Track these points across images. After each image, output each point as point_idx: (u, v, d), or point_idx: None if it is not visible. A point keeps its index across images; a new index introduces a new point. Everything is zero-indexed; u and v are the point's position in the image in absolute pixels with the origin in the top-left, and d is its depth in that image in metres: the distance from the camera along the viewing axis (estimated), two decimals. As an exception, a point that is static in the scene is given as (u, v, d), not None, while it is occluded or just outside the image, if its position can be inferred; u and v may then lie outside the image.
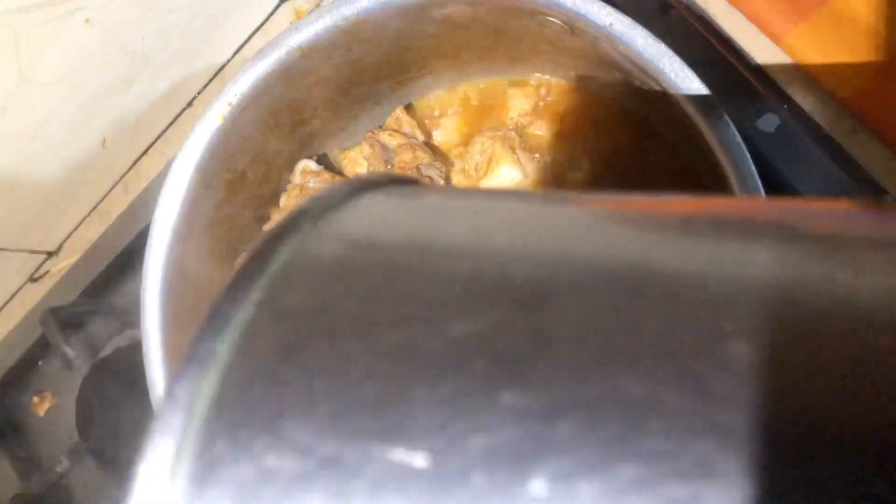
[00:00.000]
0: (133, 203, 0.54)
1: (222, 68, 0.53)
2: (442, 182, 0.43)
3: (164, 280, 0.39)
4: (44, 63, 0.41)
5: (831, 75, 0.35)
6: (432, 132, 0.47)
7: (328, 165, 0.47)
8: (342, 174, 0.46)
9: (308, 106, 0.43)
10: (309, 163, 0.46)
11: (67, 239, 0.57)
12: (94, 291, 0.55)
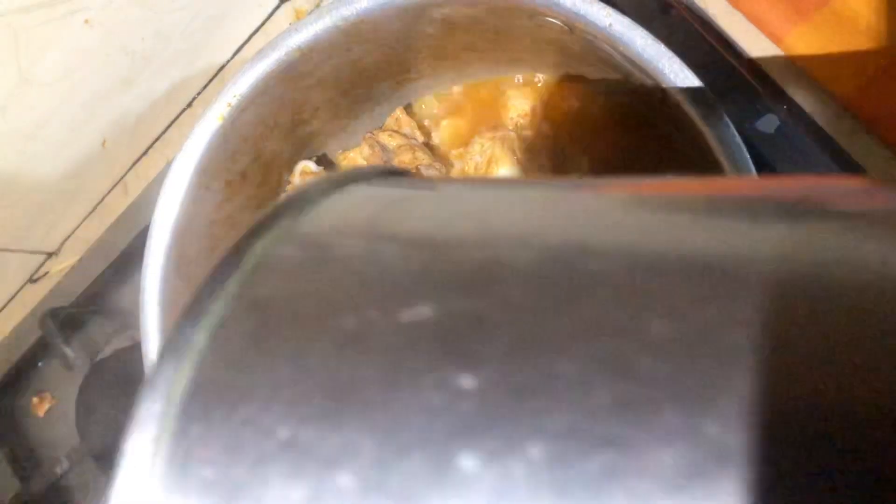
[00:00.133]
0: (133, 203, 0.54)
1: (222, 69, 0.53)
2: (442, 182, 0.43)
3: (164, 280, 0.39)
4: (44, 63, 0.41)
5: (831, 75, 0.35)
6: (432, 133, 0.47)
7: (328, 166, 0.47)
8: (342, 174, 0.46)
9: (308, 106, 0.43)
10: (308, 163, 0.45)
11: (67, 239, 0.57)
12: (94, 292, 0.55)
